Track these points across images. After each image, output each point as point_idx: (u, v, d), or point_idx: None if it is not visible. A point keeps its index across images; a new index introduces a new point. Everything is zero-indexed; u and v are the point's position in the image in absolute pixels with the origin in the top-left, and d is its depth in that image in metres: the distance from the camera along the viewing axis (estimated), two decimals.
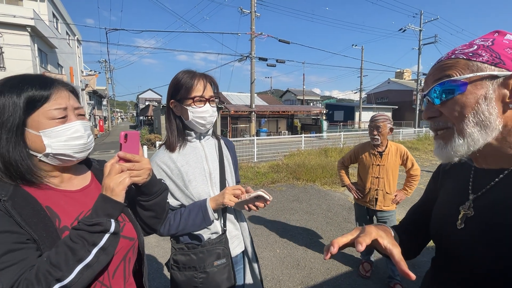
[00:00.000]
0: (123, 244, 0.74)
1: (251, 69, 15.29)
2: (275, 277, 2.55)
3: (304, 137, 11.11)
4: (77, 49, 21.47)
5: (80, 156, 0.73)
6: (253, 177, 6.51)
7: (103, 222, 0.62)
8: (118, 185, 0.66)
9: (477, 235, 0.54)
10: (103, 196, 0.66)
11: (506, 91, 0.51)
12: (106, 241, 0.62)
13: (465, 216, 0.58)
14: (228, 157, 1.26)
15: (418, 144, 11.98)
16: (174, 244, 1.13)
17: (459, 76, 0.53)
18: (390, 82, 39.18)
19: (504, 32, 0.56)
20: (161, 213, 0.90)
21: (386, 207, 2.28)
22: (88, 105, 23.77)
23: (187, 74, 1.10)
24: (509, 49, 0.52)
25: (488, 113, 0.52)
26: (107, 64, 35.63)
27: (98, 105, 33.02)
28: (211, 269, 1.06)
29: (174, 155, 1.11)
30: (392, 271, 2.32)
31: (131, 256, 0.81)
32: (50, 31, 14.25)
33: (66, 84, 0.74)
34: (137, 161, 0.73)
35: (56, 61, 16.05)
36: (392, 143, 2.30)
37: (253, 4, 14.60)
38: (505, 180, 0.54)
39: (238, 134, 19.34)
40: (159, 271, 2.70)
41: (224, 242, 1.11)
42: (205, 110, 1.09)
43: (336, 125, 25.98)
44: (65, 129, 0.68)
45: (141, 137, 16.70)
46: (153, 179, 0.81)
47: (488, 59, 0.52)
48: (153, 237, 3.39)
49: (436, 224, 0.67)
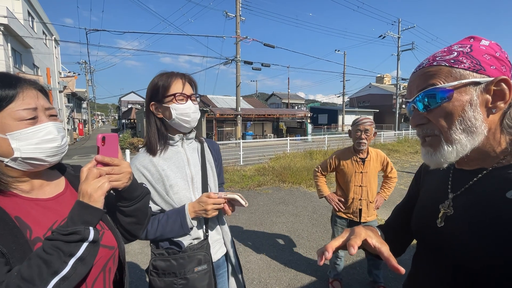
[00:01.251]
0: (102, 254, 0.70)
1: (236, 72, 15.30)
2: (262, 280, 2.54)
3: (289, 140, 11.22)
4: (54, 49, 20.58)
5: (53, 160, 0.68)
6: (239, 180, 6.48)
7: (81, 230, 0.58)
8: (96, 191, 0.63)
9: (457, 233, 0.56)
10: (80, 203, 0.62)
11: (488, 96, 0.53)
12: (84, 251, 0.58)
13: (445, 214, 0.60)
14: (211, 161, 1.24)
15: (398, 146, 12.44)
16: (153, 249, 1.09)
17: (444, 84, 0.54)
18: (371, 86, 40.50)
19: (478, 38, 0.57)
20: (143, 218, 0.86)
21: (369, 217, 2.17)
22: (66, 108, 22.79)
23: (164, 74, 1.08)
24: (487, 55, 0.54)
25: (474, 119, 0.53)
26: (87, 65, 34.46)
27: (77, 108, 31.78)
28: (192, 275, 1.03)
29: (155, 159, 1.08)
30: (376, 276, 2.31)
31: (112, 266, 0.76)
32: (25, 30, 13.57)
33: (34, 83, 0.68)
34: (116, 165, 0.69)
35: (31, 61, 15.29)
36: (372, 149, 2.18)
37: (238, 7, 14.67)
38: (484, 179, 0.56)
39: (224, 137, 19.22)
40: (143, 278, 2.61)
41: (206, 247, 1.09)
42: (188, 107, 1.07)
43: (321, 128, 26.50)
44: (36, 131, 0.63)
45: (124, 140, 16.20)
46: (134, 184, 0.78)
47: (469, 66, 0.53)
48: (137, 243, 3.28)
49: (418, 222, 0.69)
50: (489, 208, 0.52)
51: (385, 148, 12.04)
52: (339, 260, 2.34)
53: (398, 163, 8.91)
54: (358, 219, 2.16)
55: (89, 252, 0.59)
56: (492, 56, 0.54)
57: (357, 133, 2.02)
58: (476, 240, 0.52)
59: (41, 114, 0.66)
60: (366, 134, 2.00)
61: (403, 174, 7.16)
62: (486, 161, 0.56)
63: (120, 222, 0.82)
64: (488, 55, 0.54)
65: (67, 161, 0.94)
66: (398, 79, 25.50)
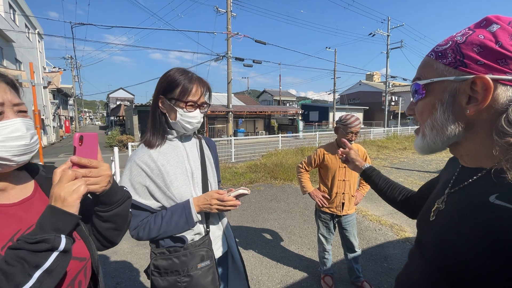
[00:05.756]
0: (72, 266, 0.63)
1: (227, 69, 15.17)
2: (254, 277, 2.54)
3: (281, 137, 11.27)
4: (38, 43, 19.81)
5: (20, 160, 0.61)
6: (231, 177, 6.45)
7: (50, 238, 0.51)
8: (71, 194, 0.57)
9: (441, 230, 0.55)
10: (52, 208, 0.56)
11: (463, 95, 0.49)
12: (53, 262, 0.51)
13: (438, 209, 0.59)
14: (209, 157, 1.23)
15: (388, 143, 12.67)
16: (154, 249, 1.07)
17: (422, 81, 0.54)
18: (361, 84, 41.07)
19: (491, 20, 0.48)
20: (122, 224, 0.80)
21: (350, 210, 2.24)
22: (52, 105, 22.07)
23: (185, 75, 1.04)
24: (479, 47, 0.47)
25: (444, 119, 0.51)
26: (73, 60, 33.41)
27: (63, 105, 30.83)
28: (195, 272, 1.02)
29: (154, 154, 1.05)
30: (357, 270, 2.33)
31: (82, 279, 0.68)
32: (6, 23, 13.00)
33: (2, 76, 0.63)
34: (94, 167, 0.64)
35: (13, 56, 14.67)
36: (354, 144, 2.17)
37: (229, 3, 14.50)
38: (480, 179, 0.53)
39: (215, 135, 19.10)
40: (133, 279, 2.56)
41: (208, 243, 1.09)
42: (195, 116, 1.06)
43: (312, 125, 26.71)
44: (1, 128, 0.58)
45: (112, 138, 15.86)
46: (114, 187, 0.72)
47: (450, 61, 0.50)
48: (127, 243, 3.22)
49: (420, 214, 0.69)
50: (470, 209, 0.51)
51: (375, 144, 12.23)
52: (327, 254, 2.36)
53: (388, 159, 9.08)
54: (341, 212, 2.23)
55: (58, 264, 0.53)
56: (486, 48, 0.46)
57: (349, 135, 2.04)
58: (451, 237, 0.51)
59: (7, 110, 0.61)
60: (356, 136, 2.06)
61: (392, 170, 7.30)
62: (481, 161, 0.54)
63: (97, 228, 0.75)
64: (480, 48, 0.46)
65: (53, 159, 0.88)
66: (387, 76, 25.89)
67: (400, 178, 6.33)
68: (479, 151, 0.52)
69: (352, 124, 2.01)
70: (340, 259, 2.79)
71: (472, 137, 0.51)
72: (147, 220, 1.04)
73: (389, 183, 1.04)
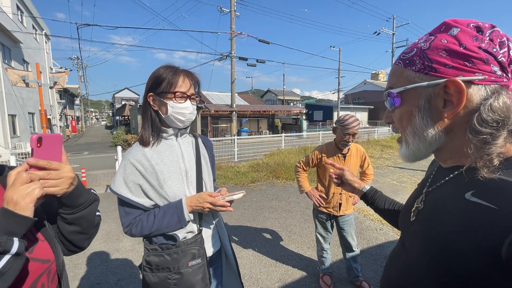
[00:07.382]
0: (33, 268, 0.62)
1: (231, 68, 15.20)
2: (253, 275, 2.56)
3: (284, 136, 11.24)
4: (45, 44, 20.12)
5: None
6: (233, 176, 6.48)
7: (2, 241, 0.51)
8: (24, 197, 0.55)
9: (421, 229, 0.55)
10: (4, 210, 0.54)
11: (438, 100, 0.49)
12: (4, 265, 0.51)
13: (417, 209, 0.60)
14: (205, 156, 1.23)
15: (392, 142, 12.55)
16: (147, 245, 1.09)
17: (395, 89, 0.55)
18: (366, 83, 40.67)
19: (449, 25, 0.50)
20: (88, 228, 0.77)
21: (347, 210, 2.23)
22: (58, 105, 22.42)
23: (170, 69, 1.06)
24: (444, 52, 0.48)
25: (423, 124, 0.52)
26: (79, 61, 33.86)
27: (70, 105, 31.30)
28: (186, 270, 1.03)
29: (148, 153, 1.06)
30: (356, 269, 2.33)
31: (45, 282, 0.67)
32: (14, 24, 13.23)
33: None
34: (54, 169, 0.62)
35: (21, 56, 14.94)
36: (352, 144, 2.18)
37: (232, 3, 14.52)
38: (455, 178, 0.54)
39: (219, 134, 19.17)
40: (133, 276, 2.60)
41: (200, 242, 1.09)
42: (186, 107, 1.06)
43: (316, 125, 26.55)
44: None
45: (117, 137, 15.99)
46: (79, 189, 0.70)
47: (420, 68, 0.50)
48: (128, 240, 3.27)
49: (401, 213, 0.70)
50: (447, 206, 0.51)
51: (379, 144, 12.14)
52: (325, 253, 2.36)
53: (391, 159, 9.00)
54: (337, 213, 2.22)
55: (10, 266, 0.52)
56: (452, 51, 0.47)
57: (346, 136, 2.01)
58: (430, 236, 0.52)
59: None
60: (353, 137, 2.02)
61: (395, 170, 7.24)
62: (459, 160, 0.54)
63: (61, 231, 0.74)
64: (446, 52, 0.47)
65: None
66: None
67: (403, 178, 6.27)
68: (459, 150, 0.53)
69: (349, 125, 1.96)
70: (339, 258, 2.78)
71: (452, 139, 0.52)
72: (140, 218, 1.05)
73: (397, 205, 0.91)
